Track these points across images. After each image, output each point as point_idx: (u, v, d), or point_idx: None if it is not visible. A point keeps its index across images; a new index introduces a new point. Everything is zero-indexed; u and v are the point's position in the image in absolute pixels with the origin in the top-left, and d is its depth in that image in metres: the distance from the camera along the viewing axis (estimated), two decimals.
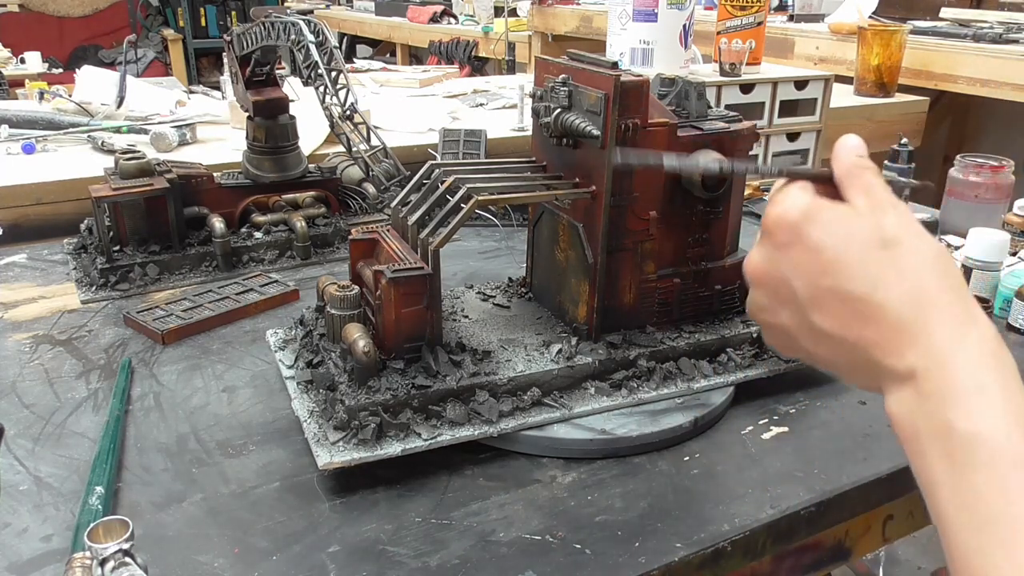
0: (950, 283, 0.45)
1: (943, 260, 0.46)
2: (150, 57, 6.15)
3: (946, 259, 0.46)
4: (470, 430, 0.73)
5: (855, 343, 0.46)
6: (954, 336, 0.44)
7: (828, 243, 0.46)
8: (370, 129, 1.07)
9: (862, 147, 0.50)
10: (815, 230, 0.47)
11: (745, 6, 1.59)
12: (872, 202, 0.47)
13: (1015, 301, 1.01)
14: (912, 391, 0.44)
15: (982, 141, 2.69)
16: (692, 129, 0.80)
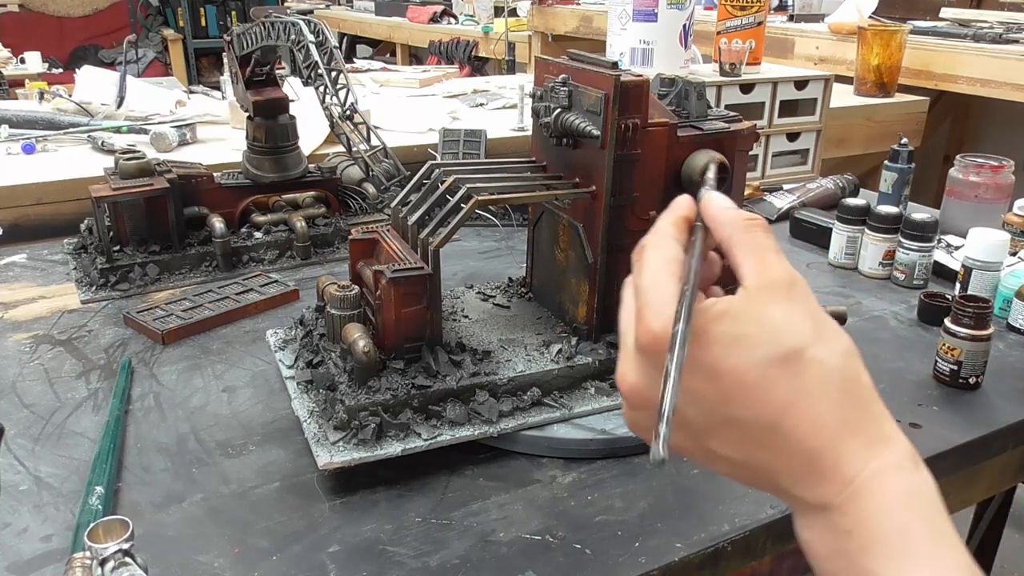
0: (857, 397, 0.41)
1: (849, 367, 0.41)
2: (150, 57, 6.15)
3: (852, 363, 0.41)
4: (470, 430, 0.73)
5: (760, 469, 0.41)
6: (868, 464, 0.40)
7: (723, 368, 0.39)
8: (370, 129, 1.07)
9: (729, 201, 0.45)
10: (706, 353, 0.39)
11: (745, 6, 1.59)
12: (766, 287, 0.40)
13: (1015, 301, 1.01)
14: (826, 525, 0.40)
15: (982, 141, 2.69)
16: (692, 129, 0.80)
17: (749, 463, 0.41)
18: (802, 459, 0.40)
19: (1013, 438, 0.83)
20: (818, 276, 1.19)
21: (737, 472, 0.43)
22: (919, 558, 0.38)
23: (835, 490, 0.40)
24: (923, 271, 1.13)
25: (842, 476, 0.39)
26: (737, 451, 0.41)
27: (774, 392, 0.39)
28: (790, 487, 0.41)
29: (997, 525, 1.48)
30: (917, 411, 0.84)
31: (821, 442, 0.40)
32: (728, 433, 0.41)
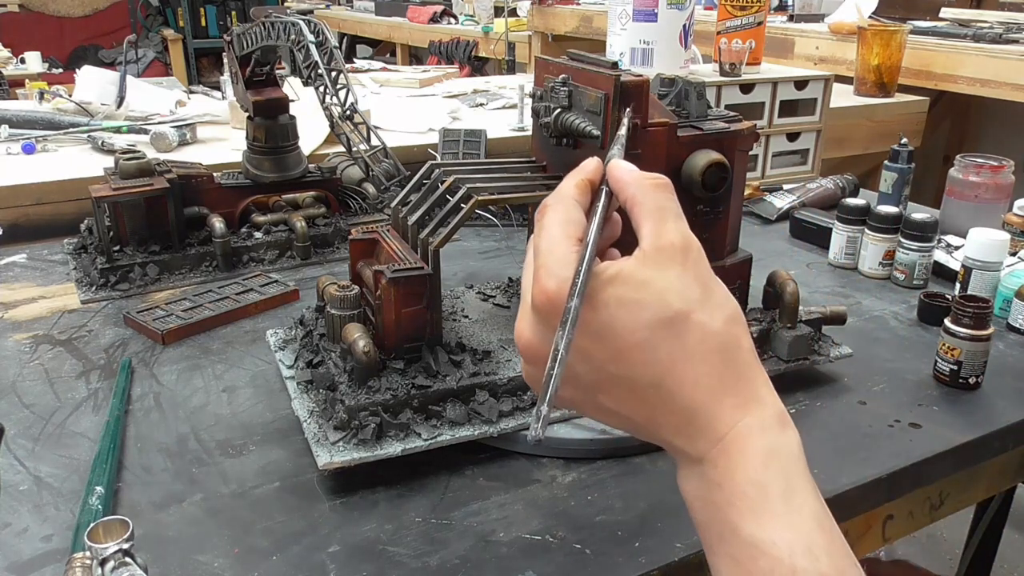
0: (735, 360, 0.43)
1: (730, 332, 0.43)
2: (150, 57, 6.16)
3: (733, 329, 0.43)
4: (470, 430, 0.73)
5: (645, 422, 0.44)
6: (737, 423, 0.43)
7: (612, 329, 0.42)
8: (370, 129, 1.07)
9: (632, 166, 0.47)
10: (597, 316, 0.42)
11: (745, 6, 1.59)
12: (660, 250, 0.42)
13: (1015, 301, 1.01)
14: (700, 476, 0.44)
15: (982, 141, 2.69)
16: (692, 129, 0.80)
17: (634, 418, 0.44)
18: (682, 416, 0.43)
19: (1013, 438, 0.83)
20: (818, 276, 1.19)
21: (624, 424, 0.46)
22: (773, 512, 0.41)
23: (708, 445, 0.43)
24: (923, 271, 1.13)
25: (714, 432, 0.43)
26: (623, 406, 0.44)
27: (658, 353, 0.42)
28: (672, 439, 0.44)
29: (997, 525, 1.48)
30: (917, 411, 0.84)
31: (698, 401, 0.43)
32: (615, 390, 0.43)
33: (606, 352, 0.42)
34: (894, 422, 0.82)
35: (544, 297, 0.42)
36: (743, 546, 0.41)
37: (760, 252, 0.94)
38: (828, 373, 0.90)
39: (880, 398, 0.86)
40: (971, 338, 0.86)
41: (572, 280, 0.41)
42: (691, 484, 0.44)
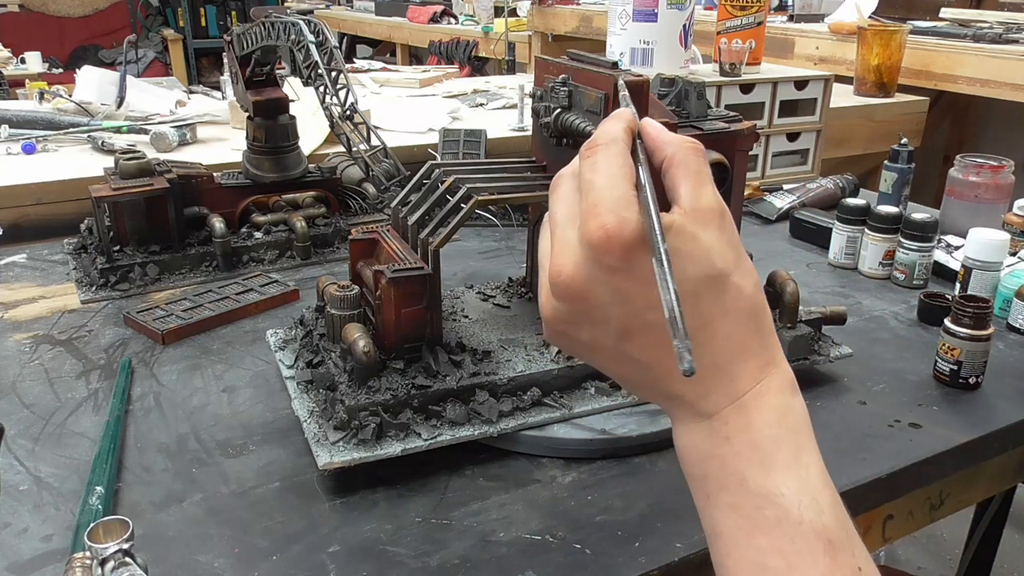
0: (761, 324, 0.45)
1: (758, 298, 0.45)
2: (150, 57, 6.16)
3: (760, 296, 0.45)
4: (470, 430, 0.73)
5: (661, 374, 0.44)
6: (757, 381, 0.44)
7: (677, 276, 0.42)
8: (370, 129, 1.07)
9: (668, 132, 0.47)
10: (648, 260, 0.41)
11: (745, 6, 1.59)
12: (702, 210, 0.43)
13: (1015, 301, 1.01)
14: (706, 431, 0.44)
15: (982, 141, 2.69)
16: (692, 129, 0.80)
17: (654, 367, 0.44)
18: (708, 369, 0.43)
19: (1013, 438, 0.83)
20: (818, 276, 1.19)
21: (635, 373, 0.45)
22: (783, 465, 0.43)
23: (723, 401, 0.44)
24: (923, 271, 1.13)
25: (734, 390, 0.44)
26: (645, 353, 0.44)
27: (700, 306, 0.43)
28: (683, 392, 0.44)
29: (997, 525, 1.48)
30: (917, 411, 0.84)
31: (724, 358, 0.44)
32: (644, 337, 0.43)
33: (647, 298, 0.42)
34: (894, 422, 0.82)
35: (603, 233, 0.41)
36: (749, 496, 0.42)
37: (760, 252, 0.95)
38: (828, 373, 0.90)
39: (880, 398, 0.86)
40: (971, 338, 0.86)
41: (648, 224, 0.41)
42: (692, 437, 0.45)
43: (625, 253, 0.41)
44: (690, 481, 0.46)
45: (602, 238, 0.41)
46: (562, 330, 0.46)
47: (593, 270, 0.42)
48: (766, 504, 0.42)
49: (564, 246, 0.44)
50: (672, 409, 0.46)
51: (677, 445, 0.46)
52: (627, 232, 0.41)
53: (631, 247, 0.41)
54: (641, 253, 0.41)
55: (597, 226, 0.41)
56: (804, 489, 0.42)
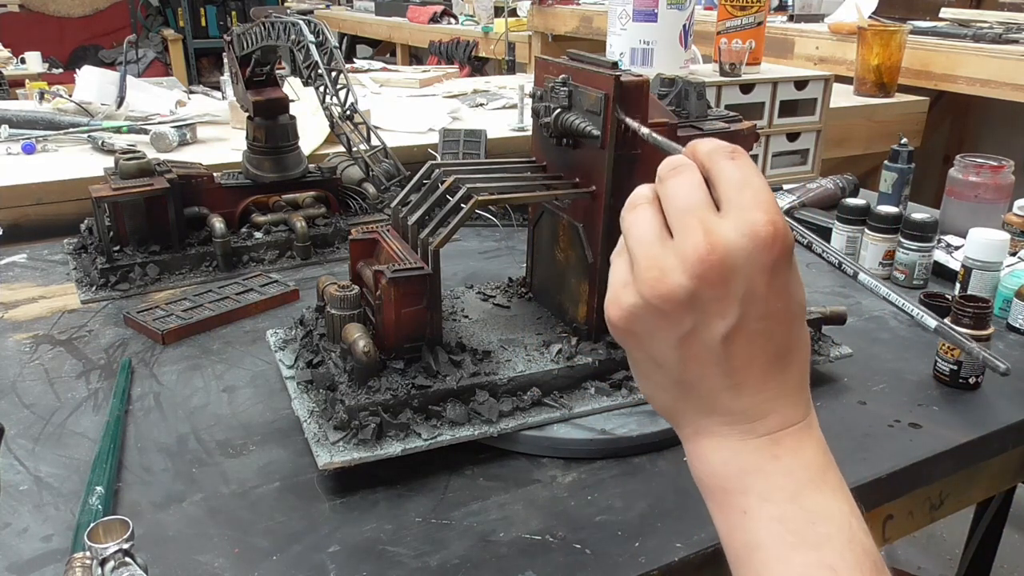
0: (809, 359, 0.48)
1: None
2: (150, 57, 6.15)
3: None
4: (470, 430, 0.73)
5: (734, 384, 0.45)
6: (807, 413, 0.46)
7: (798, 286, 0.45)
8: (370, 129, 1.07)
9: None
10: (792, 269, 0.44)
11: (745, 6, 1.59)
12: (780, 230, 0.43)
13: (1015, 301, 1.01)
14: (754, 448, 0.45)
15: (982, 141, 2.69)
16: (692, 129, 0.80)
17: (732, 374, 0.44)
18: (776, 392, 0.45)
19: (1013, 438, 0.83)
20: (818, 276, 1.19)
21: (698, 380, 0.45)
22: (832, 488, 0.45)
23: (779, 425, 0.45)
24: (923, 271, 1.13)
25: (791, 416, 0.45)
26: (738, 359, 0.44)
27: (793, 331, 0.45)
28: (746, 410, 0.45)
29: (997, 525, 1.48)
30: (917, 411, 0.84)
31: (793, 385, 0.46)
32: (748, 342, 0.43)
33: (773, 307, 0.43)
34: (894, 422, 0.82)
35: (773, 229, 0.41)
36: (801, 511, 0.43)
37: None
38: (828, 373, 0.90)
39: (880, 398, 0.86)
40: (971, 338, 0.86)
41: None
42: (732, 453, 0.46)
43: (789, 252, 0.42)
44: (720, 495, 0.46)
45: (771, 234, 0.41)
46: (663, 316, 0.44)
47: (743, 263, 0.42)
48: (819, 520, 0.43)
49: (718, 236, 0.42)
50: (715, 425, 0.46)
51: (707, 459, 0.46)
52: (789, 236, 0.42)
53: (790, 250, 0.42)
54: (791, 261, 0.43)
55: (766, 220, 0.41)
56: (853, 512, 0.44)
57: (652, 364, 0.47)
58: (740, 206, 0.42)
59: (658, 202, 0.45)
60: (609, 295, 0.46)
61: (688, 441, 0.48)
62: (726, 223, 0.42)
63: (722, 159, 0.44)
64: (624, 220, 0.46)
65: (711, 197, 0.43)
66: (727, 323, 0.43)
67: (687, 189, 0.44)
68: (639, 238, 0.45)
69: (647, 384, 0.49)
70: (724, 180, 0.43)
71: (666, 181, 0.45)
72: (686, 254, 0.42)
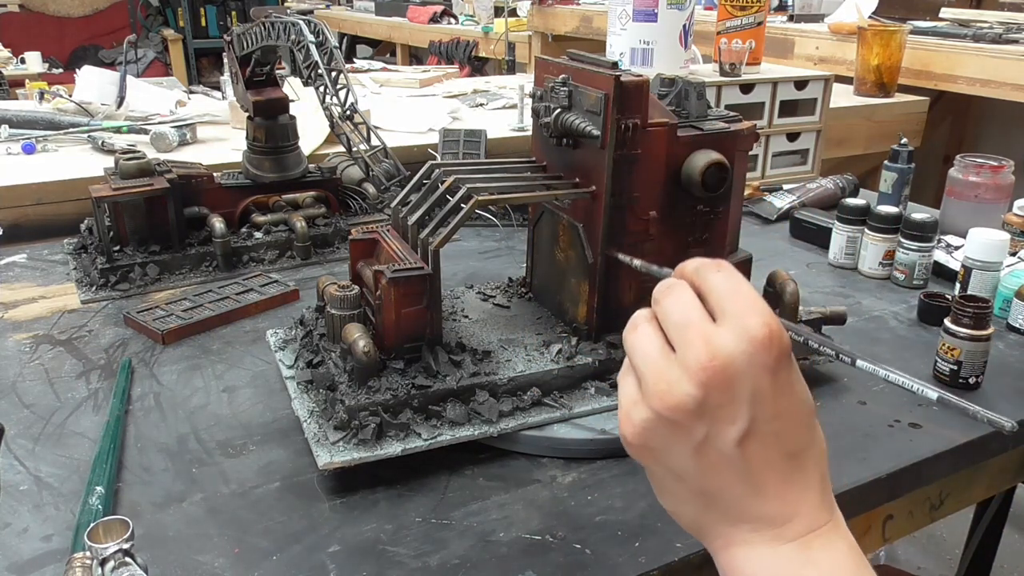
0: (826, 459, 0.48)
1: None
2: (150, 57, 6.15)
3: None
4: (470, 430, 0.73)
5: (757, 489, 0.46)
6: (832, 513, 0.47)
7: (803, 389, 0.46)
8: (370, 129, 1.07)
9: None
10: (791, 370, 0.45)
11: (745, 6, 1.59)
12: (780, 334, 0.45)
13: (1015, 301, 1.01)
14: (786, 555, 0.46)
15: (982, 141, 2.69)
16: (692, 129, 0.80)
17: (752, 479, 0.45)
18: (808, 485, 0.46)
19: (1013, 438, 0.83)
20: (818, 276, 1.19)
21: (721, 487, 0.46)
22: None
23: (807, 527, 0.46)
24: (923, 271, 1.13)
25: (818, 518, 0.46)
26: (754, 462, 0.45)
27: (809, 431, 0.47)
28: (774, 514, 0.46)
29: (997, 525, 1.48)
30: (917, 411, 0.84)
31: (815, 483, 0.47)
32: (761, 444, 0.45)
33: (779, 407, 0.45)
34: (894, 422, 0.82)
35: (768, 331, 0.43)
36: None
37: (760, 252, 0.94)
38: (828, 373, 0.90)
39: (880, 398, 0.86)
40: (971, 338, 0.86)
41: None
42: (766, 561, 0.46)
43: (787, 352, 0.44)
44: None
45: (767, 336, 0.43)
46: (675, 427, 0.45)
47: (745, 367, 0.43)
48: None
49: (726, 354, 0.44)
50: (744, 533, 0.47)
51: (740, 570, 0.47)
52: (784, 336, 0.44)
53: (788, 349, 0.44)
54: (791, 360, 0.45)
55: (762, 324, 0.44)
56: None
57: (672, 477, 0.48)
58: (734, 314, 0.44)
59: (656, 321, 0.47)
60: (621, 415, 0.48)
61: (719, 554, 0.49)
62: (723, 331, 0.44)
63: (710, 273, 0.47)
64: (627, 341, 0.48)
65: (705, 310, 0.46)
66: (739, 427, 0.44)
67: (682, 305, 0.46)
68: (644, 356, 0.47)
69: (670, 500, 0.51)
70: (715, 292, 0.46)
71: (662, 301, 0.47)
72: (689, 364, 0.44)
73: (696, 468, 0.46)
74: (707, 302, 0.46)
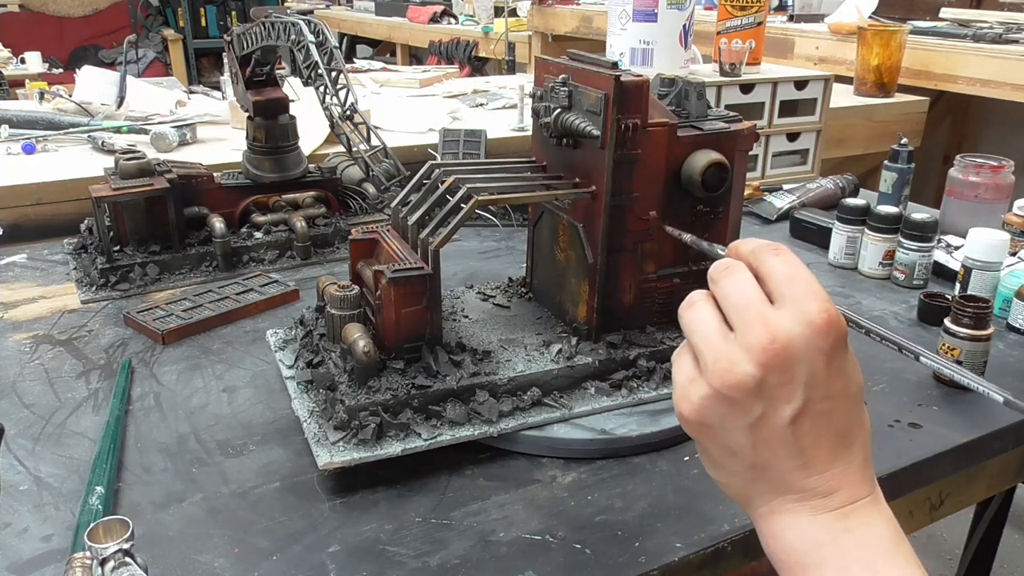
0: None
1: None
2: (150, 57, 6.16)
3: None
4: (470, 430, 0.73)
5: (806, 463, 0.48)
6: (874, 488, 0.49)
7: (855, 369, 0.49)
8: (370, 129, 1.07)
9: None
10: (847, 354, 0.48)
11: (745, 6, 1.59)
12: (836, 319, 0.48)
13: (1015, 301, 1.01)
14: (826, 523, 0.48)
15: (982, 141, 2.69)
16: (692, 129, 0.80)
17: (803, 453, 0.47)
18: (852, 463, 0.48)
19: (1013, 438, 0.83)
20: (818, 276, 1.18)
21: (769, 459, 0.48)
22: (905, 559, 0.47)
23: (849, 499, 0.48)
24: (923, 271, 1.13)
25: (860, 491, 0.48)
26: (805, 439, 0.47)
27: (858, 410, 0.49)
28: (817, 486, 0.48)
29: (997, 525, 1.48)
30: (917, 411, 0.84)
31: (859, 461, 0.49)
32: (812, 423, 0.47)
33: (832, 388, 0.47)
34: (894, 422, 0.82)
35: (827, 316, 0.46)
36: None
37: None
38: None
39: (880, 398, 0.86)
40: (971, 338, 0.86)
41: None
42: (806, 527, 0.48)
43: (843, 337, 0.47)
44: (798, 570, 0.48)
45: (825, 321, 0.46)
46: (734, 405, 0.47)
47: (803, 349, 0.46)
48: None
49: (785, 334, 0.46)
50: (788, 503, 0.49)
51: (782, 535, 0.49)
52: (842, 322, 0.47)
53: (844, 335, 0.47)
54: (846, 345, 0.47)
55: (820, 309, 0.46)
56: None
57: (726, 453, 0.50)
58: (794, 298, 0.47)
59: (713, 300, 0.49)
60: (677, 393, 0.50)
61: (761, 520, 0.50)
62: (783, 314, 0.46)
63: (768, 256, 0.49)
64: (683, 318, 0.50)
65: (763, 292, 0.48)
66: (793, 406, 0.46)
67: (742, 286, 0.48)
68: (704, 334, 0.48)
69: (721, 472, 0.52)
70: (775, 275, 0.48)
71: (720, 281, 0.49)
72: (750, 345, 0.46)
73: (750, 443, 0.48)
74: (765, 285, 0.48)
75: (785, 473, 0.48)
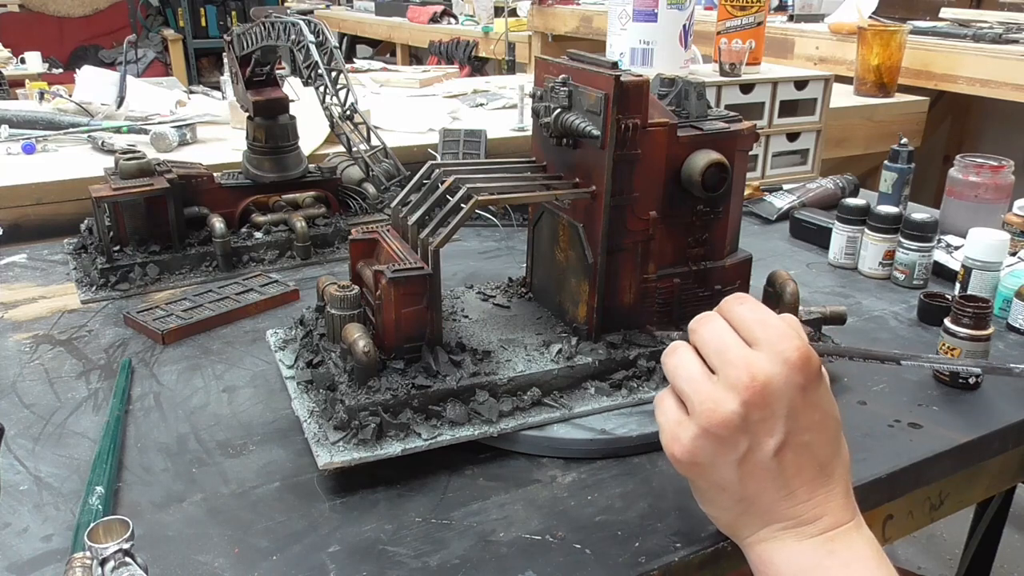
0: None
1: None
2: (150, 57, 6.16)
3: None
4: (470, 430, 0.73)
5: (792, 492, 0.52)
6: (855, 514, 0.54)
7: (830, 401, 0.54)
8: (370, 129, 1.07)
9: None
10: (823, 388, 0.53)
11: (745, 6, 1.59)
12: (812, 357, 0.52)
13: (1015, 301, 1.01)
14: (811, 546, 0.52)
15: (982, 141, 2.69)
16: (692, 129, 0.80)
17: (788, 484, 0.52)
18: (833, 492, 0.52)
19: (1013, 438, 0.83)
20: (818, 276, 1.19)
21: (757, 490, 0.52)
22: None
23: (833, 524, 0.52)
24: (923, 271, 1.13)
25: (843, 517, 0.53)
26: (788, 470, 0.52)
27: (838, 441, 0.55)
28: (803, 513, 0.52)
29: (997, 525, 1.48)
30: (917, 411, 0.84)
31: (842, 489, 0.54)
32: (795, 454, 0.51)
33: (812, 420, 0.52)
34: (894, 422, 0.82)
35: (801, 353, 0.51)
36: None
37: (760, 252, 0.95)
38: (828, 373, 0.90)
39: (880, 398, 0.86)
40: (971, 338, 0.86)
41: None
42: (792, 552, 0.52)
43: (817, 372, 0.51)
44: None
45: (799, 358, 0.50)
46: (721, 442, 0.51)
47: (782, 386, 0.50)
48: None
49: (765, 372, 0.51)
50: (774, 531, 0.53)
51: (769, 560, 0.53)
52: (815, 357, 0.51)
53: (819, 370, 0.51)
54: (822, 378, 0.52)
55: (796, 347, 0.50)
56: None
57: (716, 489, 0.54)
58: (768, 340, 0.51)
59: (693, 347, 0.54)
60: (666, 436, 0.54)
61: (751, 548, 0.55)
62: (760, 355, 0.51)
63: (735, 306, 0.54)
64: (667, 365, 0.55)
65: (739, 336, 0.52)
66: (776, 439, 0.51)
67: (720, 332, 0.53)
68: (688, 378, 0.53)
69: (712, 508, 0.57)
70: (746, 321, 0.52)
71: (699, 330, 0.54)
72: (733, 384, 0.50)
73: (738, 478, 0.52)
74: (739, 332, 0.52)
75: (772, 503, 0.52)
